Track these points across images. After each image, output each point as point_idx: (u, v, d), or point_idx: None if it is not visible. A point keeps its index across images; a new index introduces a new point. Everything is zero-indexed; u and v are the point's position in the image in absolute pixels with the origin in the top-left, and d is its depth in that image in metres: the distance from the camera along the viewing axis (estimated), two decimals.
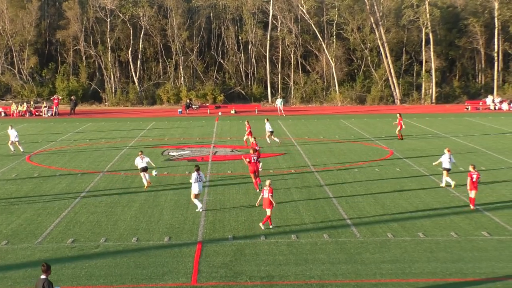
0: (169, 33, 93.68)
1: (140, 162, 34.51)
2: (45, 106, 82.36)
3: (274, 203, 26.50)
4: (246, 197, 32.06)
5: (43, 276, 16.37)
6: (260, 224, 26.42)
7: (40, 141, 54.00)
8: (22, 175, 38.49)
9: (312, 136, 55.76)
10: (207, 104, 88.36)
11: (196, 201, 29.37)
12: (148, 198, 31.81)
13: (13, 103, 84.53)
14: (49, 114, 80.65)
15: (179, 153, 46.34)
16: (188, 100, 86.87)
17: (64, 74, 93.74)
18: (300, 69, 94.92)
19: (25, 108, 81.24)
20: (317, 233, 25.64)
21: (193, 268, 21.54)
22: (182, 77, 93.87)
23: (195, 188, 29.17)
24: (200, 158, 44.64)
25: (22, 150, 46.81)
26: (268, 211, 26.32)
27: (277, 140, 49.98)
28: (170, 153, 46.58)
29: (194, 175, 29.31)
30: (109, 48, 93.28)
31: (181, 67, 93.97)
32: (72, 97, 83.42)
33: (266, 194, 26.27)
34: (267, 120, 52.02)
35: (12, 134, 47.10)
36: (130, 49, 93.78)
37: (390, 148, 48.19)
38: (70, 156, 45.96)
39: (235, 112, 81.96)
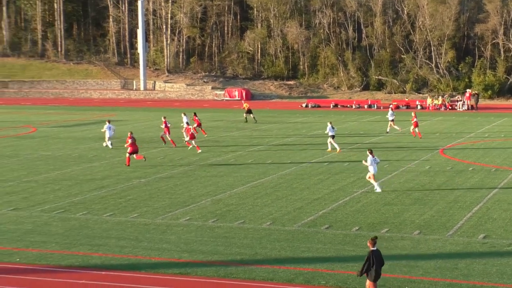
0: None
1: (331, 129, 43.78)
2: (459, 100, 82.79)
3: None
4: None
5: (375, 248, 17.04)
6: None
7: (454, 135, 54.29)
8: (435, 167, 38.99)
9: None
10: None
11: (373, 182, 32.01)
12: None
13: (429, 97, 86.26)
14: (464, 108, 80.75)
15: None
16: None
17: (481, 68, 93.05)
18: None
19: (440, 102, 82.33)
20: None
21: None
22: None
23: (371, 170, 31.86)
24: None
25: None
26: None
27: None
28: None
29: (370, 158, 31.68)
30: None
31: None
32: (475, 92, 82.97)
33: None
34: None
35: (184, 120, 49.28)
36: None
37: None
38: (483, 151, 45.45)
39: None
